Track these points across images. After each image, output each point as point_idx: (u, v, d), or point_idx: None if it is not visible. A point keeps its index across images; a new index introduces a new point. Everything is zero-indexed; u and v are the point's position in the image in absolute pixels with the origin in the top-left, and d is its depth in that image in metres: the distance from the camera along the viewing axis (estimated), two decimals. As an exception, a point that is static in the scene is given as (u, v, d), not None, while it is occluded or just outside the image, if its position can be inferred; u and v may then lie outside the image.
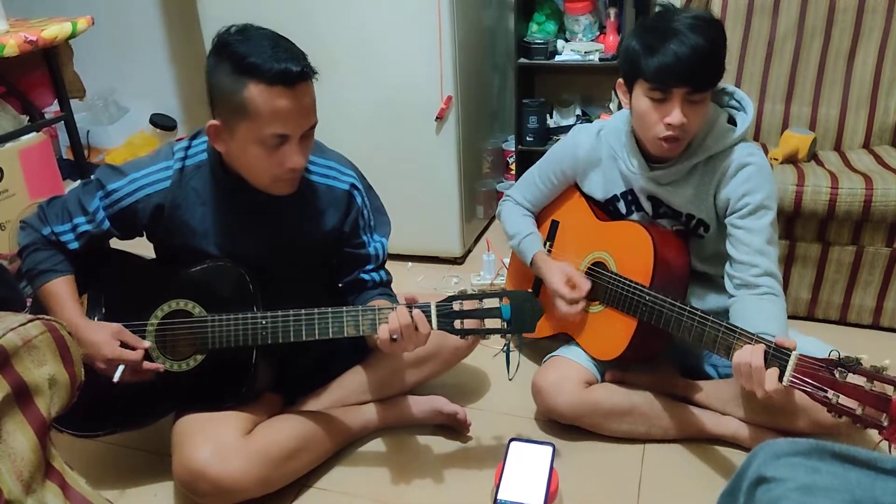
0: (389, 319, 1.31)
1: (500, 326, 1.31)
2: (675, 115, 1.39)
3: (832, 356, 1.15)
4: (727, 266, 1.50)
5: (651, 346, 1.55)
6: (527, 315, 1.31)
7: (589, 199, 1.70)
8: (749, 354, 1.24)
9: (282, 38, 1.29)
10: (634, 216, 1.63)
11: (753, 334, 1.28)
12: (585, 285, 1.58)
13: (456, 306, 1.31)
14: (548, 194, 1.77)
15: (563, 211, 1.76)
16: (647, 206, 1.60)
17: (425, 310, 1.31)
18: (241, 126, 1.27)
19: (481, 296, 1.32)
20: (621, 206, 1.64)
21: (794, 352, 1.20)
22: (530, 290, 1.33)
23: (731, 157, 1.48)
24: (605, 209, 1.68)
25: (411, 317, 1.30)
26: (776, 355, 1.22)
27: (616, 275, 1.55)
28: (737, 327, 1.31)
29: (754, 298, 1.44)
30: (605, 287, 1.58)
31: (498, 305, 1.30)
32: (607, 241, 1.62)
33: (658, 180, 1.54)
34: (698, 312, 1.38)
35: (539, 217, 1.82)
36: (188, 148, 1.43)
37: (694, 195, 1.52)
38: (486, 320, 1.31)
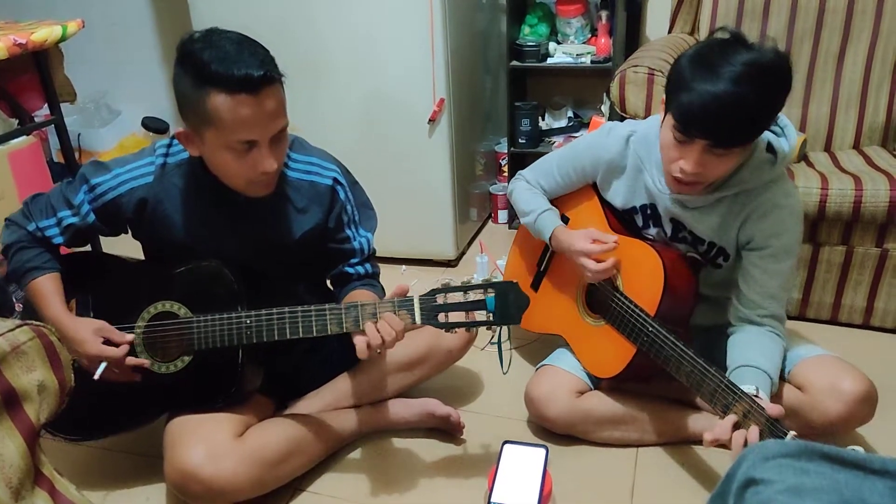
0: (370, 335, 1.28)
1: (485, 318, 1.29)
2: (689, 164, 1.30)
3: (828, 443, 1.13)
4: (734, 297, 1.46)
5: (648, 369, 1.50)
6: (512, 305, 1.29)
7: (605, 203, 1.63)
8: (743, 437, 1.22)
9: (247, 42, 1.27)
10: (651, 230, 1.56)
11: (752, 399, 1.24)
12: (612, 237, 1.50)
13: (440, 299, 1.30)
14: (563, 187, 1.68)
15: (576, 209, 1.68)
16: (667, 227, 1.53)
17: (408, 304, 1.31)
18: (208, 133, 1.27)
19: (465, 288, 1.30)
20: (639, 219, 1.57)
21: (791, 432, 1.18)
22: (516, 282, 1.31)
23: (766, 195, 1.39)
24: (621, 217, 1.61)
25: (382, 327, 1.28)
26: (772, 430, 1.20)
27: (621, 294, 1.50)
28: (738, 389, 1.26)
29: (754, 331, 1.42)
30: (608, 304, 1.53)
31: (482, 297, 1.29)
32: (617, 254, 1.54)
33: (684, 203, 1.46)
34: (700, 361, 1.33)
35: None
36: (170, 146, 1.43)
37: (719, 224, 1.45)
38: (471, 312, 1.29)
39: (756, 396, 1.26)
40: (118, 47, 3.25)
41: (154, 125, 3.25)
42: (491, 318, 1.29)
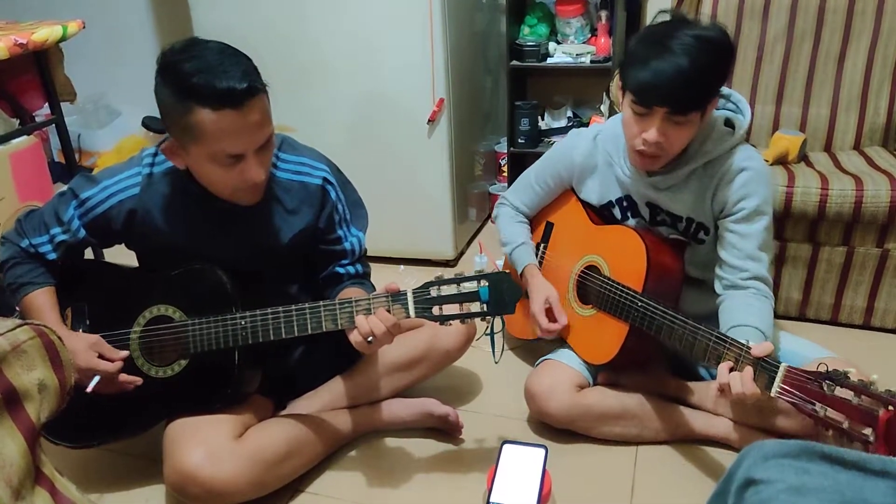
0: (359, 324, 1.29)
1: (479, 309, 1.29)
2: (651, 133, 1.38)
3: (820, 369, 1.15)
4: (717, 268, 1.50)
5: (643, 351, 1.55)
6: (505, 295, 1.29)
7: (585, 203, 1.70)
8: (738, 378, 1.23)
9: (229, 53, 1.25)
10: (630, 222, 1.62)
11: (743, 344, 1.26)
12: (563, 320, 1.61)
13: (433, 292, 1.29)
14: (544, 197, 1.77)
15: (558, 213, 1.76)
16: (644, 212, 1.59)
17: (402, 298, 1.30)
18: (192, 146, 1.27)
19: (459, 279, 1.29)
20: (616, 212, 1.63)
21: (782, 364, 1.20)
22: (508, 272, 1.32)
23: (730, 161, 1.46)
24: (601, 214, 1.67)
25: (384, 316, 1.29)
26: (765, 367, 1.22)
27: (609, 279, 1.55)
28: (727, 337, 1.30)
29: (741, 295, 1.45)
30: (597, 291, 1.57)
31: (476, 288, 1.28)
32: (601, 245, 1.62)
33: (657, 185, 1.53)
34: (690, 322, 1.37)
35: (535, 218, 1.82)
36: (156, 155, 1.43)
37: (693, 200, 1.51)
38: (465, 304, 1.29)
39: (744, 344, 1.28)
40: (118, 48, 3.25)
41: (155, 125, 3.24)
42: (485, 309, 1.29)
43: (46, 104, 2.26)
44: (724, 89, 1.54)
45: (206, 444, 1.35)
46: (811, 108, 2.17)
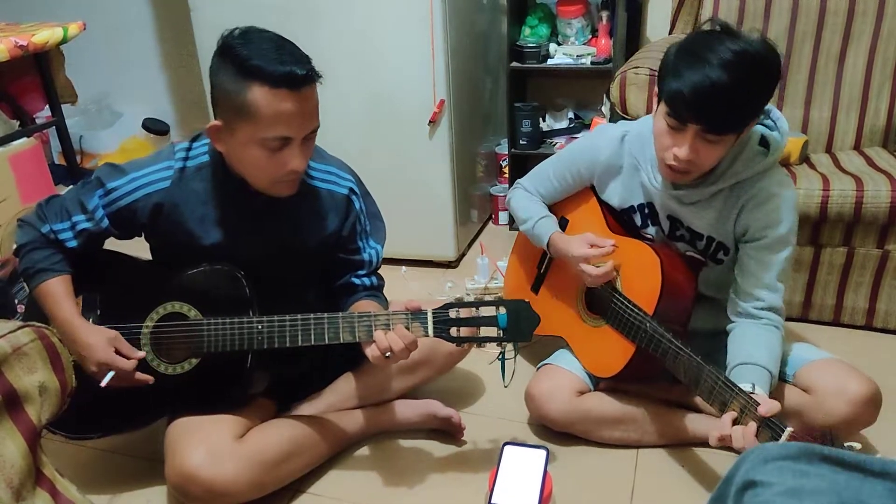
0: (377, 340, 1.31)
1: (496, 334, 1.32)
2: (683, 150, 1.31)
3: (823, 436, 1.13)
4: (731, 291, 1.47)
5: (647, 369, 1.51)
6: (523, 323, 1.31)
7: (603, 204, 1.63)
8: (741, 433, 1.22)
9: (286, 42, 1.30)
10: (649, 230, 1.57)
11: (748, 396, 1.24)
12: (609, 241, 1.51)
13: (452, 314, 1.32)
14: (561, 191, 1.69)
15: (575, 211, 1.69)
16: (665, 224, 1.54)
17: (421, 317, 1.32)
18: (242, 127, 1.27)
19: (478, 304, 1.32)
20: (637, 218, 1.58)
21: (788, 429, 1.18)
22: (527, 301, 1.32)
23: (760, 185, 1.40)
24: (619, 218, 1.62)
25: (402, 332, 1.31)
26: (770, 426, 1.20)
27: (620, 294, 1.50)
28: (735, 386, 1.27)
29: (753, 325, 1.42)
30: (607, 304, 1.54)
31: (494, 314, 1.31)
32: (616, 256, 1.55)
33: (681, 199, 1.47)
34: (697, 358, 1.34)
35: (549, 211, 1.74)
36: (189, 149, 1.43)
37: (716, 218, 1.46)
38: (483, 328, 1.32)
39: (752, 393, 1.26)
40: (119, 49, 3.26)
41: (155, 127, 3.25)
42: (502, 335, 1.31)
43: (47, 106, 2.27)
44: None
45: (207, 444, 1.35)
46: (812, 109, 2.17)
